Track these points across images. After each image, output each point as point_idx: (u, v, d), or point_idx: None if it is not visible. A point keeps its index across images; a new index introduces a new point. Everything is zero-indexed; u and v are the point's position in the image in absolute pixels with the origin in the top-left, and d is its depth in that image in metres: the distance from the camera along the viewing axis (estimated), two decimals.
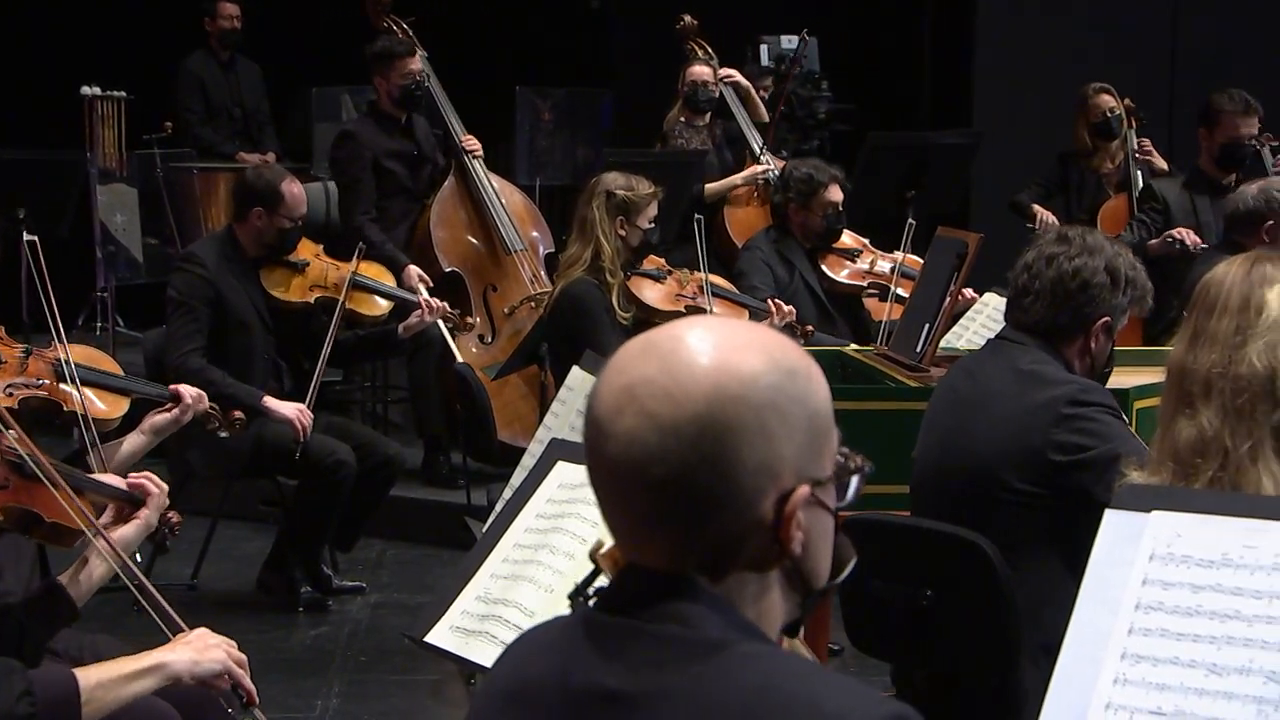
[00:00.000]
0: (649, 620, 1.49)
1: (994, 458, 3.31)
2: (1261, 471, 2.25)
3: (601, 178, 5.83)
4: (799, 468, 1.51)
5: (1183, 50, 9.08)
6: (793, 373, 1.52)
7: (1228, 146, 6.60)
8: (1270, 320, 2.28)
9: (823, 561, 1.57)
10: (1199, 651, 1.99)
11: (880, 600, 3.44)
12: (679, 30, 7.82)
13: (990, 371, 3.45)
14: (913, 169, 7.24)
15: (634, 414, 1.48)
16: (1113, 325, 3.39)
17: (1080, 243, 3.37)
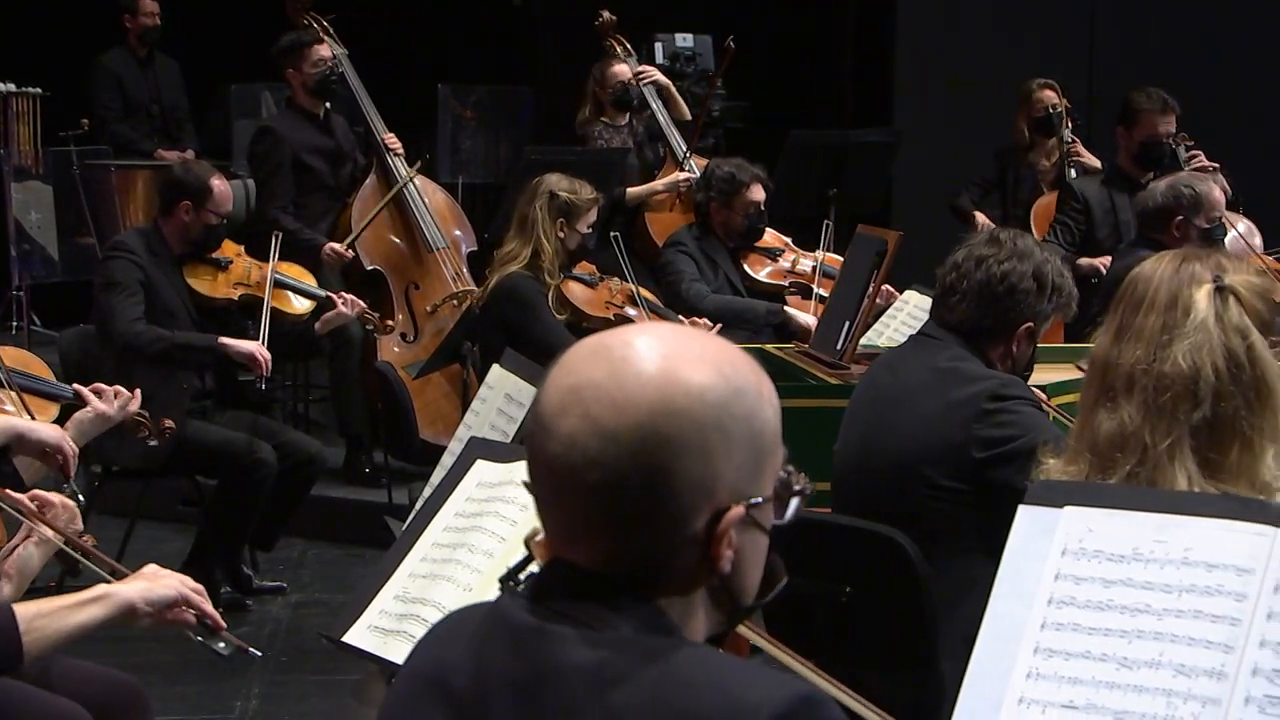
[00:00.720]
0: (569, 616, 1.50)
1: (916, 454, 3.33)
2: (1178, 470, 2.27)
3: (545, 178, 5.84)
4: (736, 487, 1.50)
5: (1100, 48, 9.17)
6: (741, 390, 1.51)
7: (1146, 145, 6.66)
8: (1198, 321, 2.29)
9: (752, 580, 1.56)
10: (1110, 645, 2.01)
11: (800, 597, 3.43)
12: (598, 26, 7.81)
13: (912, 368, 3.47)
14: (834, 167, 7.27)
15: (577, 416, 1.48)
16: (1036, 330, 3.41)
17: (1011, 247, 3.39)
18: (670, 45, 8.27)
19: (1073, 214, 6.64)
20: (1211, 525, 2.02)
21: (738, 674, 1.46)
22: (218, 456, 5.54)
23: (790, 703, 1.43)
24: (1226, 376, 2.26)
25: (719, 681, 1.45)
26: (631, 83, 7.60)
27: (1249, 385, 2.27)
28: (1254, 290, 2.34)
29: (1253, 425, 2.26)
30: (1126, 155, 6.75)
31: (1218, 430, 2.26)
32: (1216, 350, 2.28)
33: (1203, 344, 2.28)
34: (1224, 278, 2.32)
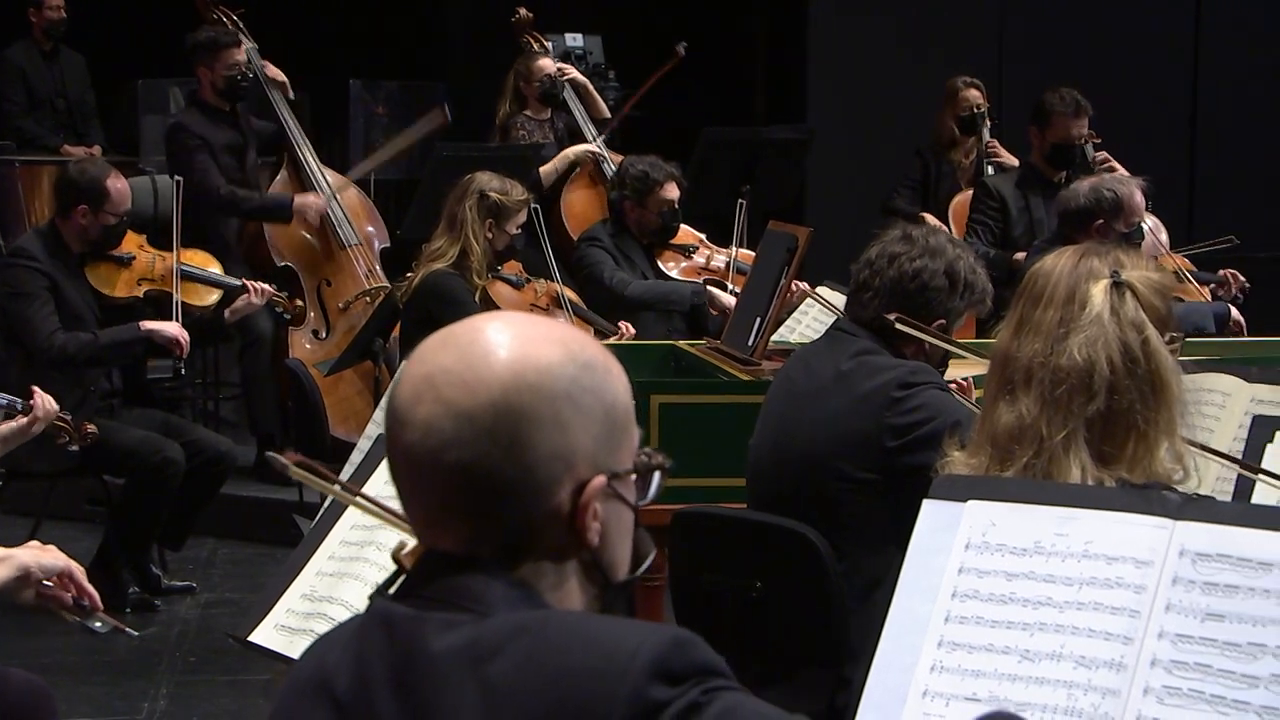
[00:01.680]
0: (441, 601, 1.51)
1: (829, 447, 3.35)
2: (1072, 461, 2.30)
3: (476, 177, 5.80)
4: (595, 459, 1.53)
5: (1010, 47, 9.25)
6: (589, 365, 1.55)
7: (1059, 146, 6.72)
8: (1093, 315, 2.31)
9: (621, 554, 1.58)
10: (1012, 638, 2.03)
11: (711, 593, 3.46)
12: (514, 23, 7.80)
13: (824, 362, 3.49)
14: (746, 164, 7.29)
15: (431, 402, 1.51)
16: (948, 328, 3.43)
17: (923, 244, 3.42)
18: (560, 45, 8.27)
19: (990, 212, 6.68)
20: (1112, 518, 2.05)
21: (608, 627, 1.48)
22: (126, 455, 5.48)
23: (666, 644, 1.45)
24: (1122, 370, 2.28)
25: (590, 637, 1.47)
26: (557, 77, 7.59)
27: (1144, 379, 2.29)
28: (1152, 286, 2.36)
29: (1147, 419, 2.28)
30: (1039, 155, 6.80)
31: (1113, 424, 2.28)
32: (1112, 344, 2.30)
33: (1098, 338, 2.30)
34: (1121, 273, 2.34)
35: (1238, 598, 1.91)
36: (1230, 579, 1.93)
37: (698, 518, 3.57)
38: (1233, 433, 3.45)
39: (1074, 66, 8.26)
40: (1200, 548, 1.96)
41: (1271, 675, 1.85)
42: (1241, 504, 2.63)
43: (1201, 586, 1.94)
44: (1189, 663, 1.91)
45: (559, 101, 7.64)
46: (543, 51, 7.75)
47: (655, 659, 1.44)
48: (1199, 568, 1.95)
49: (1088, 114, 6.74)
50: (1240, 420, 3.39)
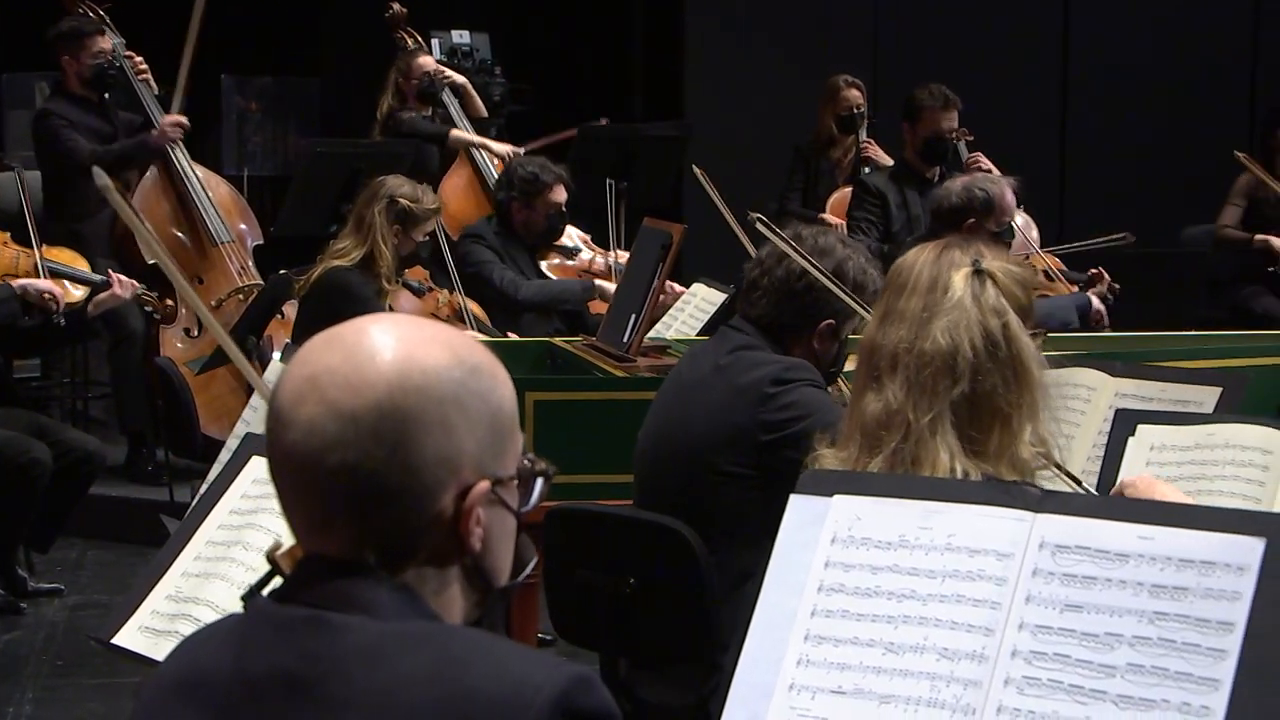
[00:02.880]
0: (325, 605, 1.50)
1: (704, 441, 3.37)
2: (939, 444, 2.34)
3: (387, 180, 5.74)
4: (480, 463, 1.52)
5: (884, 42, 9.33)
6: (476, 369, 1.54)
7: (930, 141, 6.81)
8: (954, 300, 2.37)
9: (503, 560, 1.58)
10: (877, 631, 2.04)
11: (585, 589, 3.46)
12: (389, 19, 7.75)
13: (708, 356, 3.51)
14: (623, 160, 7.30)
15: (315, 403, 1.49)
16: (838, 328, 3.43)
17: (812, 244, 3.42)
18: (448, 41, 8.24)
19: (871, 209, 6.75)
20: (974, 512, 2.06)
21: (515, 655, 1.48)
22: None
23: (569, 681, 1.46)
24: (984, 354, 2.34)
25: (499, 661, 1.47)
26: (437, 74, 7.55)
27: (1006, 363, 2.34)
28: (1011, 276, 2.42)
29: (1010, 403, 2.33)
30: (912, 151, 6.89)
31: (977, 407, 2.33)
32: (974, 328, 2.35)
33: (959, 321, 2.35)
34: (982, 262, 2.40)
35: (1095, 589, 1.94)
36: (1088, 570, 1.95)
37: (572, 515, 3.57)
38: (1098, 426, 3.51)
39: (947, 65, 8.35)
40: (1059, 540, 1.99)
41: (1128, 665, 1.88)
42: (1100, 496, 2.67)
43: (1060, 578, 1.97)
44: (1048, 653, 1.93)
45: (438, 100, 7.61)
46: (421, 48, 7.71)
47: (559, 696, 1.44)
48: (1058, 559, 1.98)
49: (957, 108, 6.83)
50: (1105, 414, 3.45)
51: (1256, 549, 1.85)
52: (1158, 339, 5.36)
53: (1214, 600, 1.85)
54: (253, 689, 1.49)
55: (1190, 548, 1.89)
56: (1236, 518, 1.95)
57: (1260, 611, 1.82)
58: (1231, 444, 3.05)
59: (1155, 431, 3.13)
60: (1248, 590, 1.83)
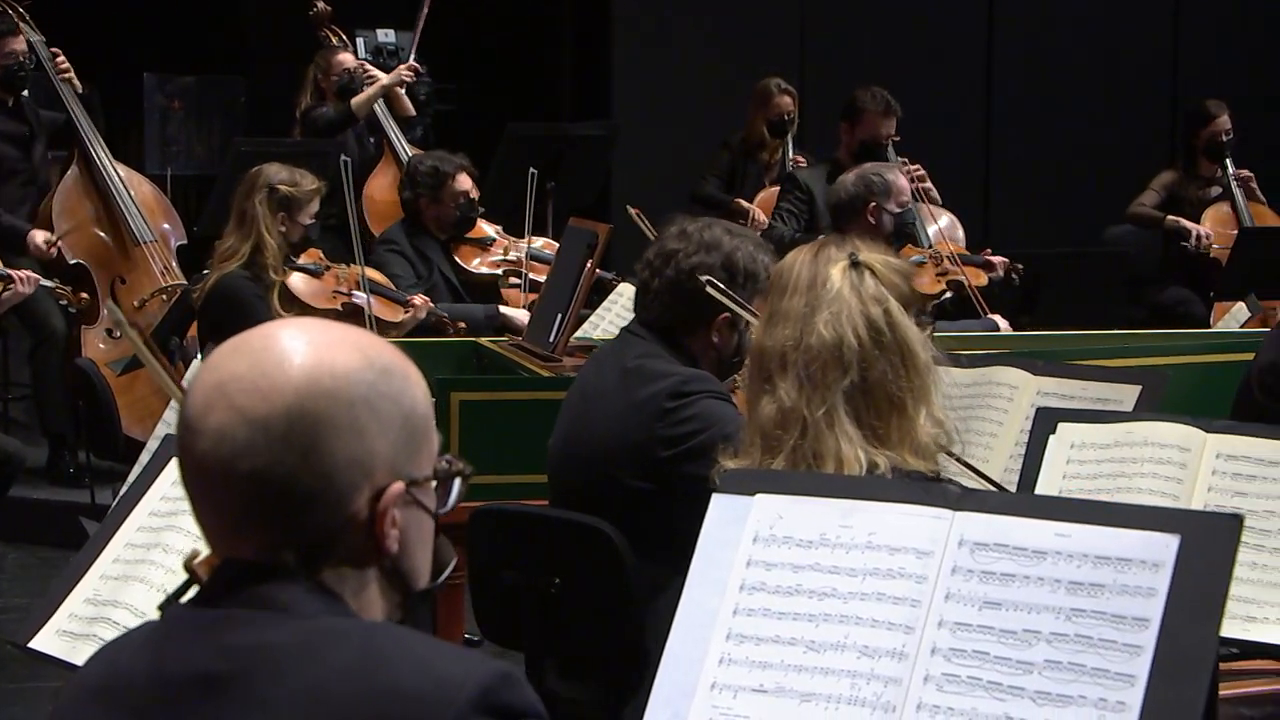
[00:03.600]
0: (244, 605, 1.49)
1: (607, 453, 3.34)
2: (838, 435, 2.38)
3: (263, 170, 5.68)
4: (394, 465, 1.52)
5: (812, 44, 9.37)
6: (387, 371, 1.53)
7: (867, 144, 6.85)
8: (834, 292, 2.41)
9: (421, 561, 1.58)
10: (798, 629, 2.05)
11: (510, 590, 3.45)
12: (313, 16, 7.70)
13: (610, 364, 3.48)
14: (551, 160, 7.28)
15: (224, 410, 1.49)
16: (735, 320, 3.37)
17: (698, 239, 3.38)
18: (372, 40, 8.20)
19: (797, 201, 6.77)
20: (894, 510, 2.07)
21: (439, 653, 1.48)
22: None
23: (491, 678, 1.46)
24: (869, 342, 2.39)
25: (421, 660, 1.47)
26: (356, 71, 7.51)
27: (892, 349, 2.40)
28: (890, 267, 2.48)
29: (902, 388, 2.39)
30: (847, 151, 6.92)
31: (871, 396, 2.38)
32: (856, 318, 2.40)
33: (841, 312, 2.40)
34: (858, 255, 2.45)
35: (1013, 586, 1.95)
36: (1006, 568, 1.96)
37: (496, 515, 3.56)
38: (1020, 424, 3.54)
39: (873, 68, 8.40)
40: (978, 537, 2.00)
41: (1045, 661, 1.89)
42: (1018, 494, 2.69)
43: (979, 575, 1.98)
44: (967, 650, 1.94)
45: None
46: (342, 45, 7.67)
47: (482, 692, 1.45)
48: (977, 557, 1.99)
49: (896, 115, 6.89)
50: (1027, 413, 3.47)
51: (1171, 545, 1.87)
52: (1080, 338, 5.42)
53: (1129, 597, 1.87)
54: (171, 689, 1.48)
55: (1106, 545, 1.91)
56: (1152, 515, 1.97)
57: (1174, 607, 1.84)
58: (1150, 442, 3.07)
59: (1075, 430, 3.15)
60: (1163, 587, 1.85)
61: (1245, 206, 7.49)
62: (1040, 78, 9.54)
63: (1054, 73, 9.53)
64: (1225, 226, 7.44)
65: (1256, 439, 2.99)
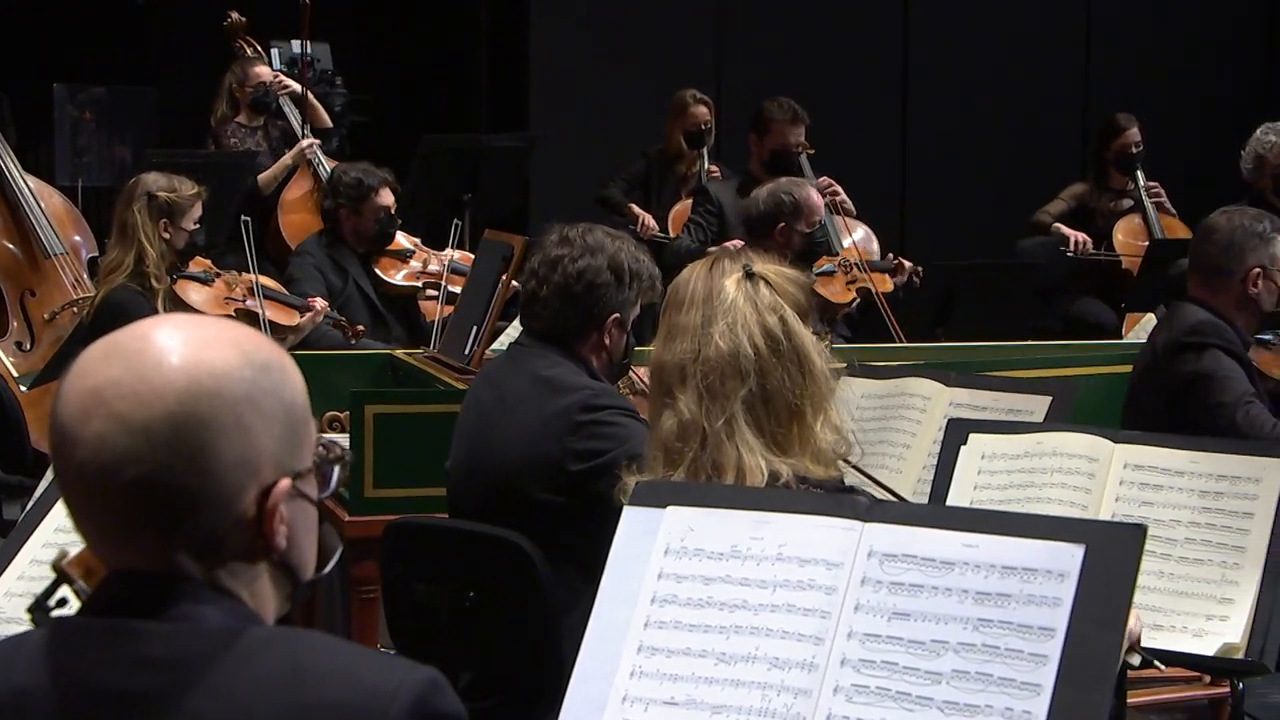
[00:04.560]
0: (146, 617, 1.46)
1: (515, 468, 3.35)
2: (738, 445, 2.40)
3: (141, 179, 5.64)
4: (279, 461, 1.51)
5: (728, 55, 9.40)
6: (266, 366, 1.51)
7: (776, 153, 6.89)
8: (729, 303, 2.44)
9: (308, 553, 1.57)
10: (709, 641, 2.05)
11: (424, 604, 3.44)
12: (227, 28, 7.64)
13: (510, 379, 3.48)
14: (467, 172, 7.26)
15: (102, 417, 1.45)
16: (624, 319, 3.44)
17: (581, 243, 3.43)
18: (287, 51, 8.15)
19: (707, 215, 6.81)
20: (804, 522, 2.08)
21: (364, 660, 1.47)
22: None
23: (423, 685, 1.46)
24: (766, 351, 2.42)
25: (348, 669, 1.45)
26: (272, 85, 7.46)
27: (789, 357, 2.43)
28: (785, 277, 2.51)
29: (800, 396, 2.41)
30: (758, 162, 6.97)
31: (770, 404, 2.41)
32: (752, 327, 2.43)
33: (736, 322, 2.43)
34: (752, 266, 2.48)
35: (922, 597, 1.96)
36: (915, 578, 1.98)
37: (410, 528, 3.55)
38: (933, 435, 3.56)
39: (790, 79, 8.44)
40: (887, 549, 2.01)
41: (953, 671, 1.90)
42: (926, 505, 2.71)
43: (888, 586, 1.99)
44: (876, 661, 1.95)
45: (271, 110, 7.52)
46: (258, 57, 7.61)
47: (415, 701, 1.44)
48: (886, 568, 2.00)
49: (804, 122, 6.92)
50: (940, 423, 3.50)
51: (1076, 555, 1.89)
52: (992, 349, 5.46)
53: (1036, 606, 1.89)
54: (82, 708, 1.45)
55: (1013, 555, 1.93)
56: (1057, 525, 1.99)
57: (1079, 616, 1.85)
58: (1059, 452, 3.11)
59: (986, 440, 3.18)
60: (1068, 596, 1.87)
61: (1156, 218, 7.58)
62: (955, 91, 9.63)
63: (969, 87, 9.62)
64: (1136, 238, 7.53)
65: (1163, 449, 3.03)
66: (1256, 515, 2.92)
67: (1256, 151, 6.65)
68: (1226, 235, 4.13)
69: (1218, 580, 2.90)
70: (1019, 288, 6.89)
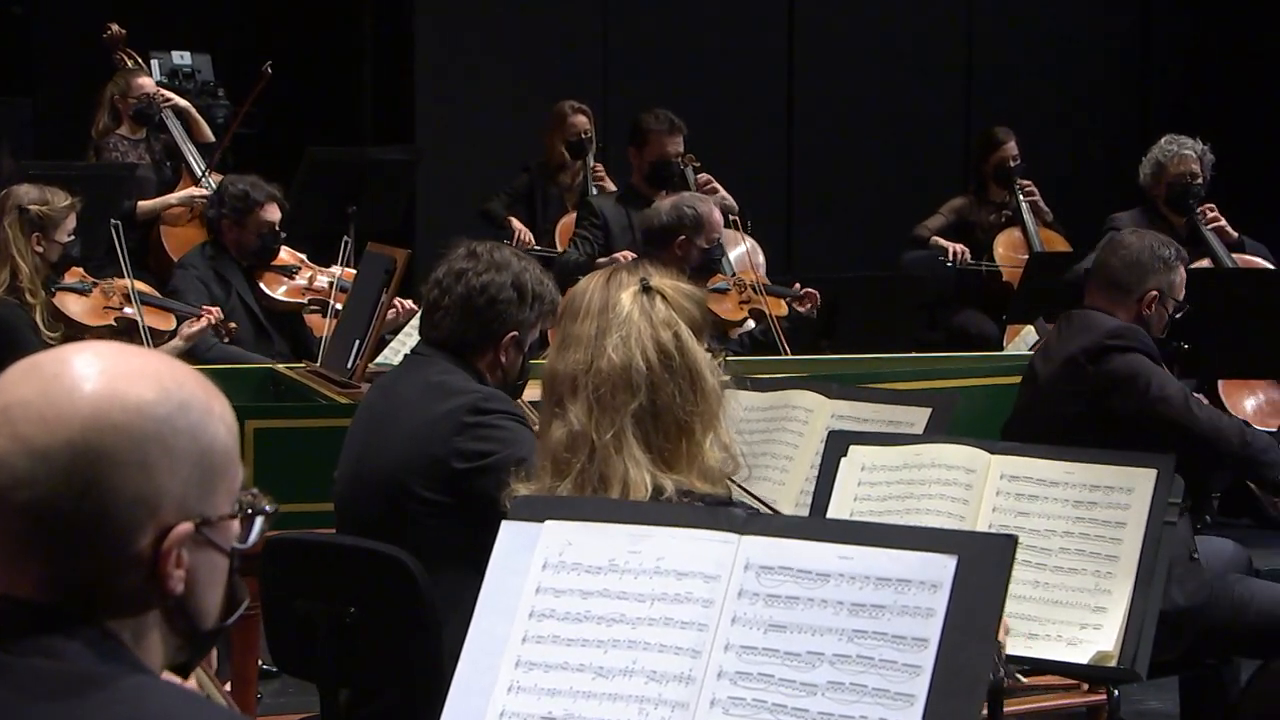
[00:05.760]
0: (17, 653, 1.43)
1: (403, 468, 3.37)
2: (625, 459, 2.40)
3: (12, 192, 5.57)
4: (184, 504, 1.47)
5: (614, 70, 9.42)
6: (185, 405, 1.48)
7: (656, 164, 6.91)
8: (623, 316, 2.44)
9: (210, 602, 1.53)
10: (587, 655, 2.05)
11: (305, 620, 3.41)
12: (107, 39, 7.54)
13: (402, 386, 3.51)
14: (353, 184, 7.22)
15: (6, 437, 1.43)
16: (521, 339, 3.48)
17: (488, 259, 3.46)
18: (168, 63, 8.06)
19: (592, 229, 6.82)
20: (682, 535, 2.08)
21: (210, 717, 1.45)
22: None
23: None
24: (658, 366, 2.42)
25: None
26: (155, 97, 7.36)
27: (681, 374, 2.43)
28: (681, 292, 2.51)
29: (690, 412, 2.42)
30: (639, 175, 6.99)
31: (660, 419, 2.41)
32: (646, 341, 2.43)
33: (631, 335, 2.43)
34: (650, 280, 2.48)
35: (798, 608, 1.97)
36: (791, 590, 1.99)
37: (289, 544, 3.51)
38: (815, 447, 3.59)
39: (676, 92, 8.48)
40: (763, 561, 2.02)
41: (828, 683, 1.91)
42: (802, 517, 2.73)
43: (765, 599, 2.00)
44: (752, 673, 1.96)
45: (153, 123, 7.43)
46: (140, 69, 7.52)
47: None
48: (762, 580, 2.01)
49: (682, 132, 6.95)
50: (822, 435, 3.52)
51: (949, 566, 1.90)
52: (875, 361, 5.52)
53: (909, 617, 1.90)
54: None
55: (887, 566, 1.94)
56: (930, 536, 2.01)
57: (952, 626, 1.87)
58: (937, 463, 3.14)
59: (866, 452, 3.21)
60: (941, 607, 1.89)
61: (1035, 231, 7.69)
62: (840, 105, 9.71)
63: (853, 100, 9.70)
64: (1016, 251, 7.63)
65: (1038, 460, 3.07)
66: (1129, 525, 2.96)
67: (1157, 159, 6.74)
68: (1134, 253, 4.18)
69: (1091, 589, 2.94)
70: (903, 301, 6.97)
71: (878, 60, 9.75)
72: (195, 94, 8.00)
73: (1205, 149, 6.73)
